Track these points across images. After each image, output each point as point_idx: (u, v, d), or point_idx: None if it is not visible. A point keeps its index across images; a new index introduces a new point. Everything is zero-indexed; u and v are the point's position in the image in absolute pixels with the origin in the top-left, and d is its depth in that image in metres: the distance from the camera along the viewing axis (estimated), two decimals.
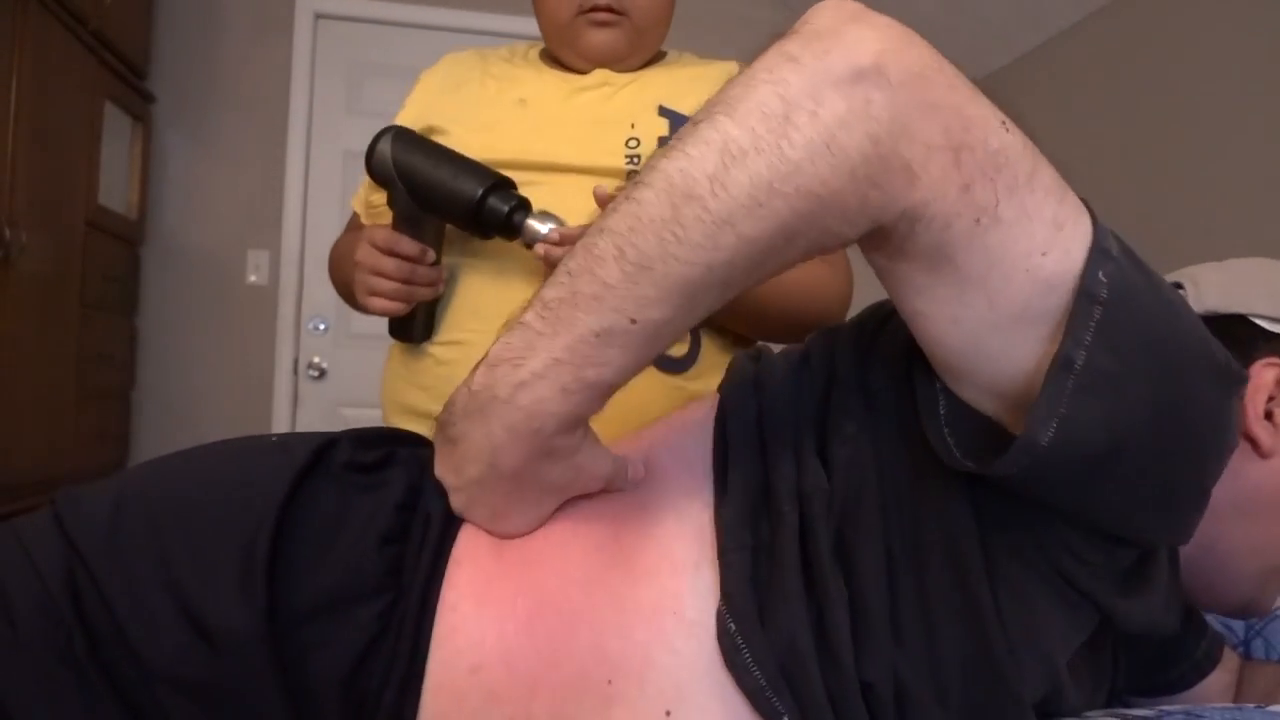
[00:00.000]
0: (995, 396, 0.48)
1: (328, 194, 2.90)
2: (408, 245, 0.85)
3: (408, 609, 0.51)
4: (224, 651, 0.48)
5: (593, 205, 0.88)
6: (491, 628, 0.50)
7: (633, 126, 0.91)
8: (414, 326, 0.90)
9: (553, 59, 1.01)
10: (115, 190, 2.57)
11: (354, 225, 1.10)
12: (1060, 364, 0.43)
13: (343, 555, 0.52)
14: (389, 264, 0.85)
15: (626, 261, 0.44)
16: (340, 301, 1.09)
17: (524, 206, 0.83)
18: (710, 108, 0.44)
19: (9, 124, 1.95)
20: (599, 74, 0.97)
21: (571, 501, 0.56)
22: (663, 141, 0.90)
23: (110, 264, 2.54)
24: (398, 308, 0.87)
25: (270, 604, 0.49)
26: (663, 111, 0.92)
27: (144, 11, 2.74)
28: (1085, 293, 0.43)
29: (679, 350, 0.90)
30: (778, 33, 0.45)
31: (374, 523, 0.53)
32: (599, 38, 0.95)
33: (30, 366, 2.09)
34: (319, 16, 2.94)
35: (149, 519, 0.53)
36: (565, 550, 0.54)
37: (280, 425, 2.86)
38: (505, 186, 0.84)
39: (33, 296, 2.08)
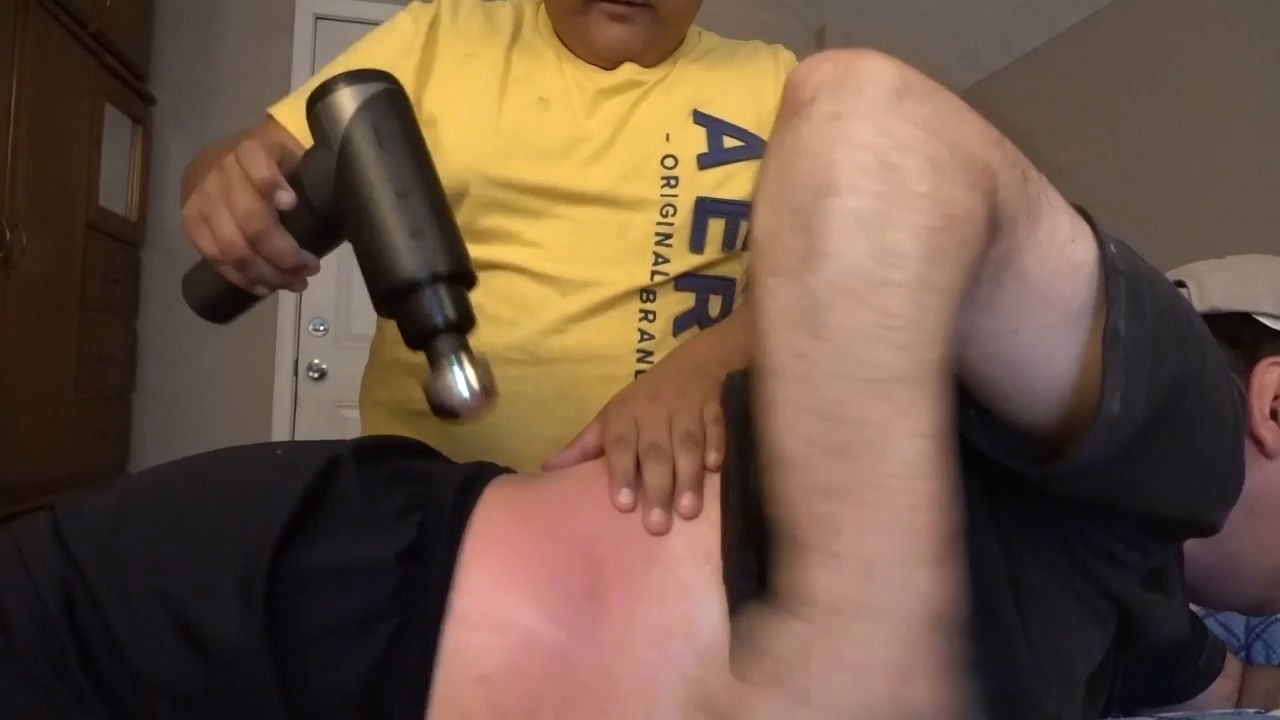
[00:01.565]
0: (1037, 403, 0.47)
1: None
2: (285, 243, 0.59)
3: (418, 625, 0.50)
4: (219, 664, 0.48)
5: (613, 249, 0.81)
6: (496, 640, 0.50)
7: (668, 139, 0.82)
8: (220, 301, 0.65)
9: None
10: (115, 192, 2.57)
11: (255, 133, 0.79)
12: (1110, 336, 0.43)
13: (352, 573, 0.51)
14: (253, 220, 0.57)
15: (892, 384, 0.37)
16: (340, 303, 1.03)
17: (460, 328, 0.55)
18: (791, 201, 0.40)
19: (9, 125, 1.95)
20: (626, 70, 0.86)
21: (576, 518, 0.55)
22: (701, 160, 0.83)
23: (110, 265, 2.54)
24: (226, 269, 0.60)
25: (273, 621, 0.49)
26: (698, 118, 0.84)
27: (144, 13, 2.74)
28: (1110, 267, 0.44)
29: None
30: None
31: (382, 541, 0.52)
32: (613, 33, 0.83)
33: (30, 367, 2.09)
34: (319, 18, 2.94)
35: (149, 530, 0.52)
36: (571, 567, 0.53)
37: (280, 426, 2.86)
38: (463, 281, 0.57)
39: (33, 298, 2.08)
